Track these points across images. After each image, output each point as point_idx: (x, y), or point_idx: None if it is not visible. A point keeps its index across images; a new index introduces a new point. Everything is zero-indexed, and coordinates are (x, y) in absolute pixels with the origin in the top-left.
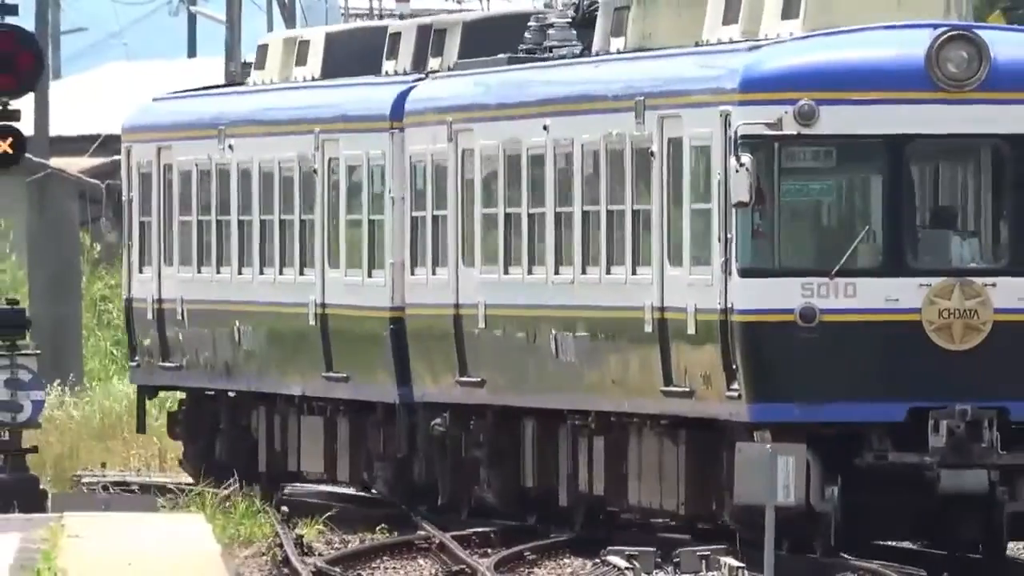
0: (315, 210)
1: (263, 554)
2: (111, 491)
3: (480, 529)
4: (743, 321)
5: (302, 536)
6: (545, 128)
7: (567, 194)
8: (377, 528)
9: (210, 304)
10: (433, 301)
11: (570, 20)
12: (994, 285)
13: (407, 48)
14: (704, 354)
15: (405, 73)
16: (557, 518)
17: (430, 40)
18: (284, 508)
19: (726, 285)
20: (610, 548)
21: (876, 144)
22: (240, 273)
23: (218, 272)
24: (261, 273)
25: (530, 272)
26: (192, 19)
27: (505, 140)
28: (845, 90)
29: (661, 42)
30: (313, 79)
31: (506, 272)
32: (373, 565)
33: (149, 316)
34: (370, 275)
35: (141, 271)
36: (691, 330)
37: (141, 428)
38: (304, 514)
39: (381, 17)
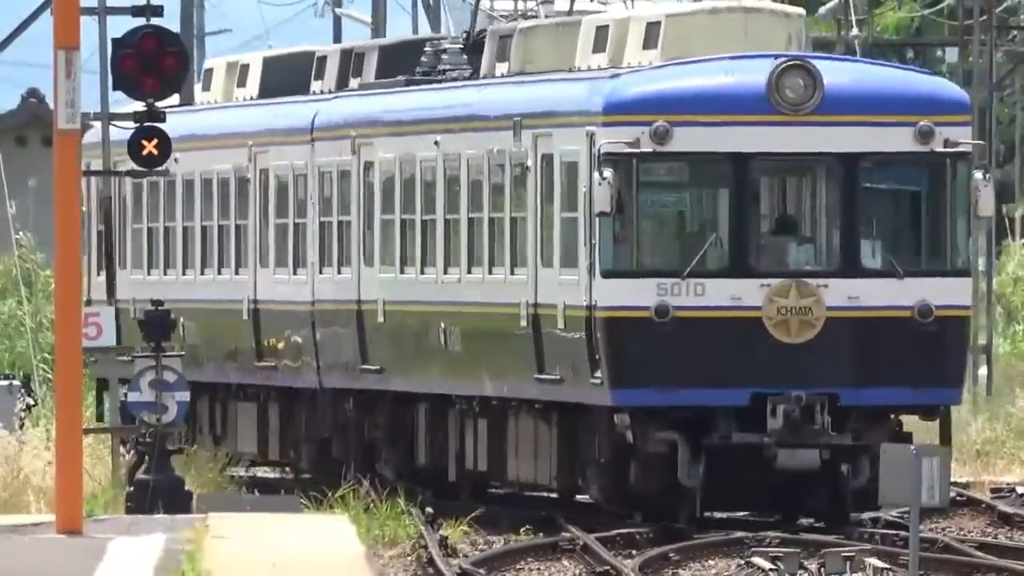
0: (248, 215)
1: (407, 555)
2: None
3: (625, 530)
4: (605, 317)
5: (446, 537)
6: (436, 144)
7: (455, 203)
8: (522, 529)
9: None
10: (339, 297)
11: (462, 46)
12: (826, 286)
13: (332, 70)
14: (572, 346)
15: (330, 92)
16: (447, 492)
17: (351, 62)
18: (428, 509)
19: (591, 285)
20: (754, 550)
21: (723, 161)
22: (184, 274)
23: (165, 274)
24: (202, 273)
25: (423, 272)
26: (337, 20)
27: (401, 154)
28: (695, 113)
29: (540, 67)
30: (251, 99)
31: (402, 272)
32: (517, 567)
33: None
34: (295, 273)
35: (99, 275)
36: (560, 324)
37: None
38: (449, 515)
39: (526, 17)
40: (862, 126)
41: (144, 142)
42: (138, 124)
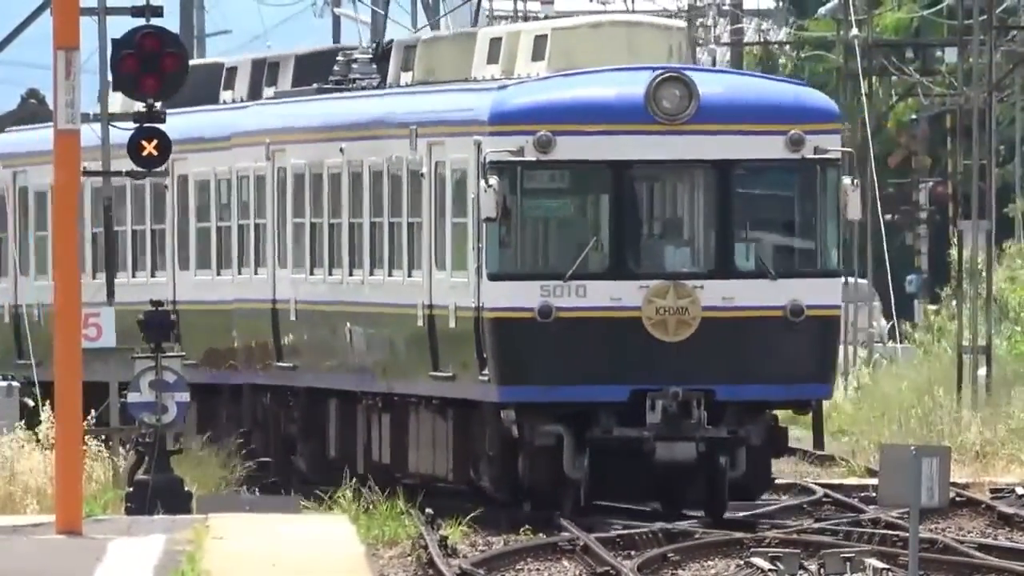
0: (166, 220)
1: (407, 555)
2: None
3: (624, 531)
4: (491, 317)
5: (446, 537)
6: (341, 151)
7: (358, 208)
8: (521, 530)
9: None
10: (255, 296)
11: (371, 56)
12: (702, 287)
13: (243, 80)
14: (462, 345)
15: (241, 101)
16: (358, 482)
17: (264, 72)
18: (428, 509)
19: (479, 287)
20: (754, 550)
21: (603, 168)
22: (93, 278)
23: (93, 278)
24: (133, 276)
25: (330, 273)
26: (336, 20)
27: (310, 160)
28: (577, 123)
29: (441, 77)
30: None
31: (312, 273)
32: (517, 567)
33: (7, 319)
34: (219, 274)
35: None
36: (452, 324)
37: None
38: (448, 515)
39: (526, 18)
40: (736, 135)
41: (144, 143)
42: (138, 125)
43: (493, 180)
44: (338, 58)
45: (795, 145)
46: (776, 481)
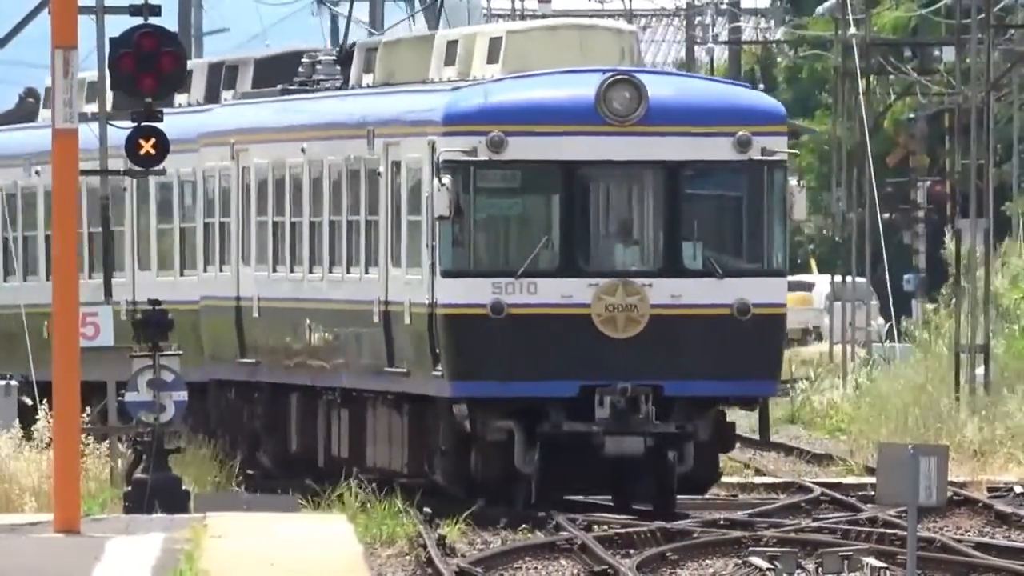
0: (124, 222)
1: (405, 554)
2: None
3: (623, 529)
4: (444, 314)
5: (444, 536)
6: (302, 150)
7: (319, 206)
8: (520, 529)
9: (42, 308)
10: (221, 294)
11: (335, 58)
12: (651, 285)
13: (199, 83)
14: (417, 341)
15: (198, 104)
16: (318, 477)
17: (222, 75)
18: (426, 508)
19: (432, 284)
20: (752, 549)
21: (554, 168)
22: (90, 276)
23: (46, 279)
24: (90, 277)
25: (292, 271)
26: (334, 19)
27: (273, 160)
28: (529, 124)
29: (401, 79)
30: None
31: (274, 270)
32: (515, 566)
33: None
34: (182, 274)
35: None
36: (407, 321)
37: None
38: (446, 514)
39: (524, 17)
40: (684, 136)
41: (142, 141)
42: (136, 123)
43: (446, 179)
44: (303, 60)
45: (742, 147)
46: (774, 480)
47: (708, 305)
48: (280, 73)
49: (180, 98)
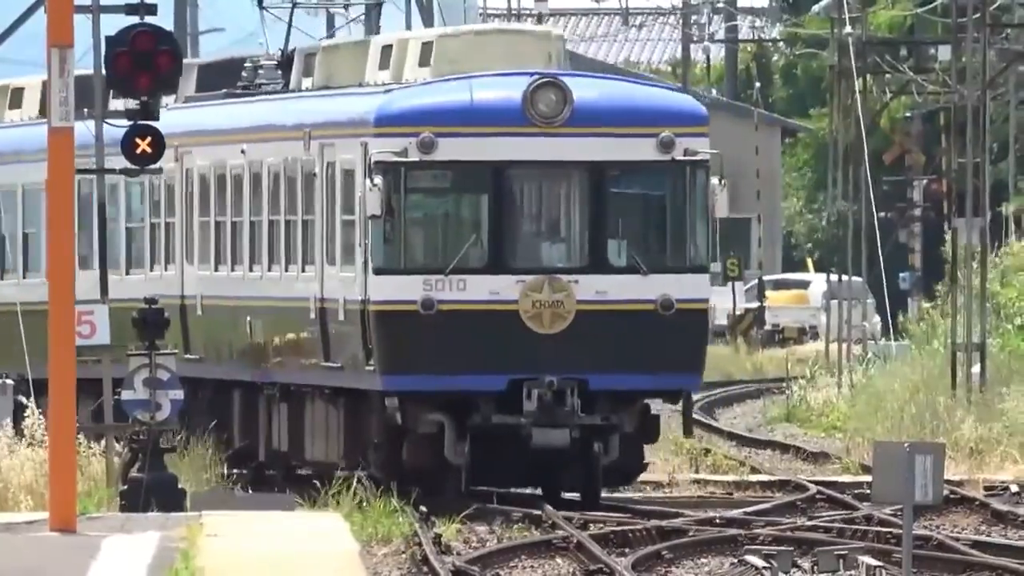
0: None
1: (401, 553)
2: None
3: (618, 528)
4: (377, 310)
5: (440, 535)
6: (243, 152)
7: (258, 206)
8: (515, 527)
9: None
10: (167, 292)
11: (277, 62)
12: (577, 281)
13: None
14: (351, 336)
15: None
16: (259, 469)
17: None
18: (422, 507)
19: (365, 281)
20: (748, 547)
21: (483, 169)
22: (25, 277)
23: (2, 277)
24: (24, 278)
25: (233, 269)
26: (330, 18)
27: (215, 161)
28: (458, 125)
29: (339, 82)
30: (31, 119)
31: (216, 269)
32: (511, 564)
33: None
34: (127, 273)
35: None
36: (341, 317)
37: None
38: (442, 513)
39: (519, 17)
40: (609, 137)
41: (138, 140)
42: (132, 122)
43: (378, 179)
44: (245, 64)
45: (665, 147)
46: (769, 478)
47: (632, 301)
48: (223, 78)
49: (114, 104)
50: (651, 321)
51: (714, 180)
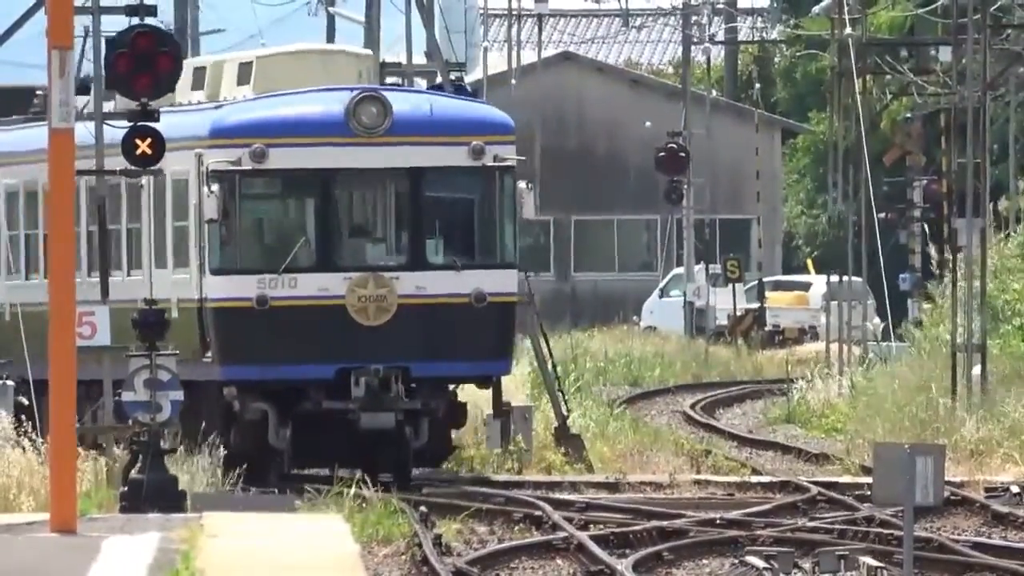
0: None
1: (401, 554)
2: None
3: (619, 529)
4: (214, 307)
5: (440, 536)
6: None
7: (76, 219)
8: (516, 528)
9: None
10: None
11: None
12: (398, 278)
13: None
14: (188, 332)
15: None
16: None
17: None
18: (422, 508)
19: (201, 281)
20: (748, 548)
21: (311, 176)
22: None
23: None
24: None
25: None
26: (331, 19)
27: (24, 179)
28: (287, 136)
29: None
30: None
31: (27, 279)
32: (512, 565)
33: None
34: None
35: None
36: (175, 315)
37: None
38: (443, 514)
39: (519, 16)
40: (425, 145)
41: (138, 141)
42: (132, 123)
43: (214, 187)
44: (37, 93)
45: (476, 154)
46: (770, 480)
47: (449, 295)
48: (16, 103)
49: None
50: (465, 313)
51: (521, 184)
